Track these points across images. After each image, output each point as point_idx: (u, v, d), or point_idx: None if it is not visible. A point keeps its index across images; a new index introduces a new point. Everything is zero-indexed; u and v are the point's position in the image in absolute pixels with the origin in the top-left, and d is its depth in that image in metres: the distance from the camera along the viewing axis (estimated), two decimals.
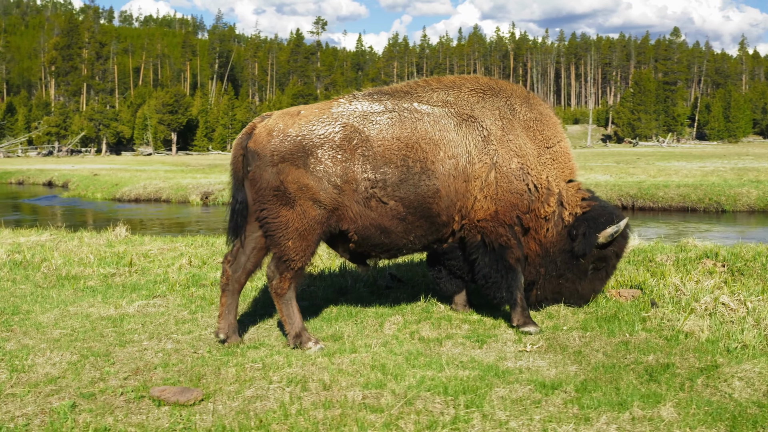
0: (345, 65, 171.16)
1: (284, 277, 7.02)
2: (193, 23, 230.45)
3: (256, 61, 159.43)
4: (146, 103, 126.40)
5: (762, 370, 6.03)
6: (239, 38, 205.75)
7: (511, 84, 7.98)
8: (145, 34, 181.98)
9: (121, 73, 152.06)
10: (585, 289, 8.03)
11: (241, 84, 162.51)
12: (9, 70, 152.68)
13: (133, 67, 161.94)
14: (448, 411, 5.29)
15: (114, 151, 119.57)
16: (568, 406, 5.36)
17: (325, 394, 5.67)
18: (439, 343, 7.09)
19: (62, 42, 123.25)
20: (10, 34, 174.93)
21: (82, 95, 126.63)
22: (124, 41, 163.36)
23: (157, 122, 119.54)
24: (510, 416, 5.18)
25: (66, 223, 19.42)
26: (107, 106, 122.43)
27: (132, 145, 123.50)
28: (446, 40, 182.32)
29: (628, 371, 6.18)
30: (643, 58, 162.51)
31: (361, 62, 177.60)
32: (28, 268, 10.89)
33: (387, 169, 7.00)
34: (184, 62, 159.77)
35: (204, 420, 5.30)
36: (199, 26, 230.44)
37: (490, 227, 7.38)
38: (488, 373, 6.11)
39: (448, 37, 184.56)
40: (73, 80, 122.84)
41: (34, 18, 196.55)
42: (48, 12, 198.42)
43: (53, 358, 6.73)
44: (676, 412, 5.23)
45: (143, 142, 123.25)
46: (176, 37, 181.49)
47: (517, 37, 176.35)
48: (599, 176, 34.06)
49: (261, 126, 7.08)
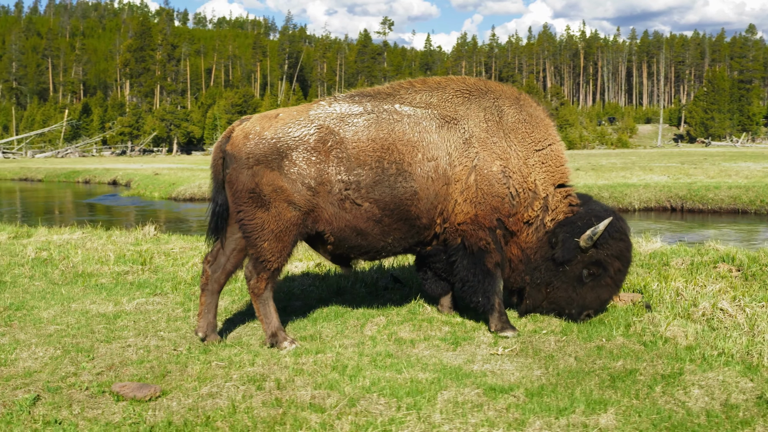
0: (413, 65, 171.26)
1: (261, 278, 7.13)
2: (264, 24, 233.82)
3: (325, 62, 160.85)
4: (216, 103, 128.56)
5: (728, 379, 5.90)
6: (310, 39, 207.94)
7: (501, 85, 7.92)
8: (216, 35, 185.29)
9: (193, 75, 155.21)
10: (585, 297, 7.64)
11: (310, 84, 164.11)
12: (86, 71, 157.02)
13: (205, 68, 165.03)
14: (388, 412, 5.31)
15: (185, 150, 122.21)
16: (509, 411, 5.33)
17: (276, 393, 5.75)
18: (412, 344, 7.10)
19: (135, 44, 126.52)
20: (88, 36, 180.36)
21: (155, 96, 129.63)
22: (197, 43, 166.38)
23: (226, 122, 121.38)
24: (445, 419, 5.17)
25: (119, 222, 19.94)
26: (178, 107, 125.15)
27: (202, 145, 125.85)
28: (515, 39, 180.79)
29: (592, 376, 6.10)
30: (718, 56, 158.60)
31: (429, 62, 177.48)
32: (48, 265, 11.24)
33: (361, 170, 7.03)
34: (255, 63, 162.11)
35: (154, 416, 5.42)
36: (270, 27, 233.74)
37: (470, 231, 7.34)
38: (447, 376, 6.10)
39: (517, 36, 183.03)
40: (146, 81, 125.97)
41: (111, 21, 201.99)
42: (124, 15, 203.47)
43: (37, 353, 6.96)
44: (617, 420, 5.15)
45: (213, 142, 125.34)
46: (248, 39, 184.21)
47: (588, 36, 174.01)
48: (655, 177, 33.33)
49: (239, 129, 7.20)
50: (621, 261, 7.62)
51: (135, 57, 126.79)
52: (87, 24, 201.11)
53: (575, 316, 7.71)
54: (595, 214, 7.59)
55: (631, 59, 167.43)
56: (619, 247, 7.56)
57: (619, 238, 7.57)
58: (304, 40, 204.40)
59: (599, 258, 7.52)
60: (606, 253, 7.52)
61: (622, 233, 7.61)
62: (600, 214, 7.60)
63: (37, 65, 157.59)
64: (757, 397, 5.57)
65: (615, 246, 7.54)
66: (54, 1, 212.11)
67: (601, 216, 7.54)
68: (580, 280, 7.59)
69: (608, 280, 7.62)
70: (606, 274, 7.58)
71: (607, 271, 7.57)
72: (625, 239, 7.64)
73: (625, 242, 7.65)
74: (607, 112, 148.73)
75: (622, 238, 7.59)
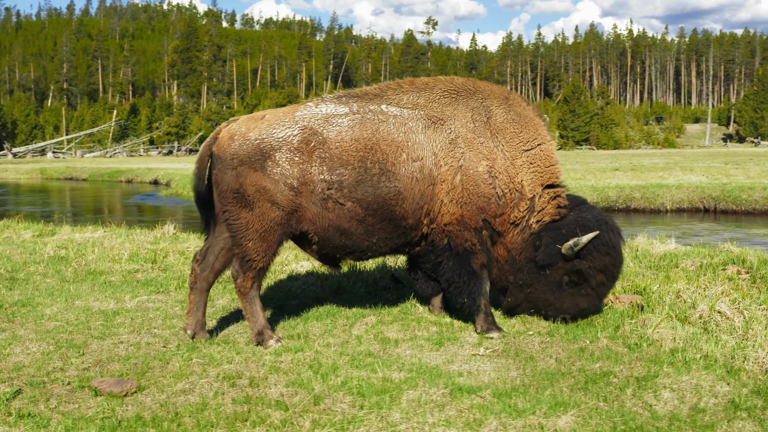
0: (458, 65, 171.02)
1: (247, 277, 7.22)
2: (311, 25, 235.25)
3: (370, 62, 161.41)
4: (261, 104, 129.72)
5: (702, 383, 5.84)
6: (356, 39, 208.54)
7: (491, 85, 7.91)
8: (262, 36, 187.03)
9: (240, 75, 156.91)
10: (563, 303, 7.58)
11: (355, 84, 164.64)
12: (134, 72, 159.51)
13: (251, 69, 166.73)
14: (350, 411, 5.36)
15: None
16: (471, 410, 5.34)
17: (248, 390, 5.83)
18: (396, 344, 7.14)
19: (182, 45, 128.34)
20: (137, 38, 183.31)
21: (202, 96, 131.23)
22: (243, 44, 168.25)
23: None
24: (404, 419, 5.21)
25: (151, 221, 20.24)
26: (224, 107, 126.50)
27: None
28: (562, 38, 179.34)
29: (567, 378, 6.09)
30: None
31: (474, 62, 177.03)
32: (63, 263, 11.48)
33: (343, 170, 7.08)
34: (300, 63, 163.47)
35: (126, 411, 5.54)
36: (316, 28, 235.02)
37: (456, 231, 7.35)
38: (421, 376, 6.13)
39: (563, 35, 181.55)
40: (192, 82, 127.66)
41: (160, 22, 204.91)
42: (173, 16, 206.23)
43: (30, 348, 7.14)
44: (575, 422, 5.14)
45: None
46: (294, 39, 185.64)
47: (635, 34, 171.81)
48: (693, 177, 32.83)
49: (225, 130, 7.32)
50: (605, 275, 7.50)
51: (181, 58, 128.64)
52: (136, 25, 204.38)
53: (551, 317, 7.73)
54: (583, 223, 7.46)
55: (679, 58, 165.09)
56: (603, 262, 7.43)
57: (605, 252, 7.41)
58: (350, 41, 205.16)
59: (581, 268, 7.43)
60: (589, 265, 7.42)
61: (610, 247, 7.43)
62: (588, 224, 7.45)
63: (88, 66, 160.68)
64: (729, 402, 5.52)
65: (599, 260, 7.41)
66: (104, 3, 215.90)
67: (589, 227, 7.40)
68: (560, 285, 7.55)
69: (589, 290, 7.52)
70: (587, 284, 7.48)
71: (589, 282, 7.47)
72: (612, 254, 7.46)
73: (612, 257, 7.47)
74: (654, 111, 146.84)
75: (608, 253, 7.43)
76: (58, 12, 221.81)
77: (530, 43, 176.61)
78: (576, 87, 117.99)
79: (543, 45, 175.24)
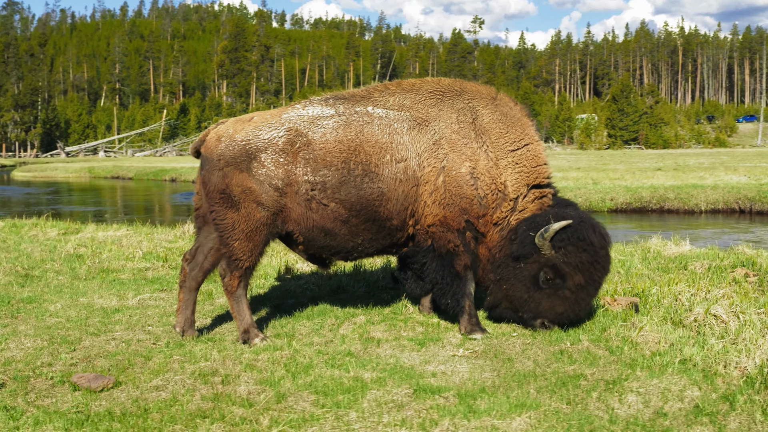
0: (506, 63, 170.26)
1: (234, 276, 7.33)
2: (360, 24, 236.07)
3: (417, 61, 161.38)
4: None
5: (672, 387, 5.80)
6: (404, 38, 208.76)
7: (478, 85, 7.91)
8: (310, 36, 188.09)
9: (288, 75, 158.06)
10: (540, 304, 7.36)
11: None
12: (185, 72, 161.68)
13: (299, 69, 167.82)
14: (310, 409, 5.44)
15: None
16: (429, 411, 5.37)
17: (219, 387, 5.94)
18: (378, 344, 7.19)
19: (230, 45, 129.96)
20: (188, 38, 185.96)
21: (251, 96, 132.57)
22: (292, 44, 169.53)
23: None
24: (360, 418, 5.27)
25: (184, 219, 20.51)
26: (271, 106, 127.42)
27: None
28: (612, 36, 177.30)
29: (539, 380, 6.07)
30: None
31: (522, 60, 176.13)
32: (78, 261, 11.75)
33: (327, 171, 7.16)
34: (348, 63, 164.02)
35: (99, 405, 5.68)
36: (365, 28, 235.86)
37: (439, 233, 7.37)
38: (393, 375, 6.18)
39: (614, 33, 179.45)
40: (240, 82, 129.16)
41: (211, 23, 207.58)
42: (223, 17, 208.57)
43: (25, 343, 7.34)
44: (529, 424, 5.13)
45: None
46: (342, 39, 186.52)
47: (687, 32, 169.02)
48: (735, 178, 32.24)
49: (213, 132, 7.44)
50: (583, 275, 7.24)
51: (230, 58, 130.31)
52: (187, 26, 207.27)
53: (528, 321, 7.51)
54: (560, 215, 7.31)
55: (732, 56, 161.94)
56: (580, 258, 7.20)
57: (582, 248, 7.20)
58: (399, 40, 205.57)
59: (556, 263, 7.23)
60: (564, 260, 7.21)
61: (588, 243, 7.20)
62: (565, 215, 7.29)
63: (139, 67, 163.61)
64: (694, 407, 5.46)
65: (575, 255, 7.19)
66: (157, 4, 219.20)
67: (565, 218, 7.23)
68: (535, 282, 7.34)
69: (567, 293, 7.28)
70: (564, 285, 7.27)
71: (566, 282, 7.25)
72: (590, 251, 7.21)
73: (590, 254, 7.22)
74: (706, 110, 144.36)
75: (586, 249, 7.20)
76: (112, 13, 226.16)
77: (579, 42, 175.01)
78: (624, 85, 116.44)
79: (592, 43, 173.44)
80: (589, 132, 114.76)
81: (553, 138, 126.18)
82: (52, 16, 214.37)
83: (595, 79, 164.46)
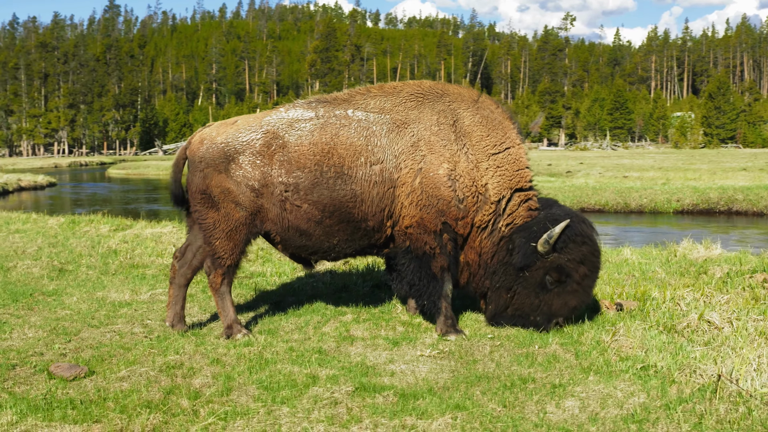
0: (600, 60, 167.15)
1: (217, 273, 7.62)
2: (453, 23, 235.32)
3: (509, 59, 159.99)
4: None
5: (617, 392, 5.77)
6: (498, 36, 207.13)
7: (460, 88, 7.97)
8: (402, 35, 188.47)
9: (380, 74, 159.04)
10: (551, 304, 7.47)
11: (495, 82, 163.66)
12: (279, 72, 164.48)
13: (390, 68, 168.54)
14: (248, 403, 5.63)
15: None
16: (362, 409, 5.49)
17: (178, 380, 6.20)
18: (352, 342, 7.34)
19: (321, 45, 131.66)
20: (284, 39, 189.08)
21: None
22: (383, 43, 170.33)
23: None
24: (290, 413, 5.43)
25: None
26: None
27: None
28: (711, 32, 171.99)
29: (490, 382, 6.12)
30: None
31: (617, 57, 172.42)
32: (112, 257, 12.27)
33: (300, 173, 7.35)
34: (439, 62, 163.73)
35: (65, 393, 5.99)
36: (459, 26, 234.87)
37: (416, 234, 7.47)
38: (348, 373, 6.32)
39: (713, 29, 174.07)
40: (331, 81, 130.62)
41: (305, 23, 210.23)
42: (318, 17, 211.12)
43: (28, 334, 7.80)
44: (448, 425, 5.20)
45: None
46: (434, 38, 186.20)
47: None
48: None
49: (198, 135, 7.74)
50: (586, 265, 7.42)
51: (321, 58, 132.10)
52: (283, 27, 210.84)
53: (542, 324, 7.54)
54: (553, 217, 7.43)
55: None
56: (582, 252, 7.39)
57: (581, 242, 7.39)
58: (492, 38, 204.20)
59: (561, 263, 7.36)
60: (568, 258, 7.35)
61: (585, 236, 7.41)
62: (557, 217, 7.42)
63: (235, 67, 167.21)
64: (629, 414, 5.42)
65: (577, 250, 7.37)
66: (254, 5, 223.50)
67: (559, 219, 7.36)
68: (543, 286, 7.44)
69: (575, 286, 7.42)
70: (571, 280, 7.39)
71: (572, 276, 7.38)
72: (588, 242, 7.44)
73: (589, 246, 7.45)
74: None
75: (585, 242, 7.41)
76: (211, 15, 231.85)
77: (677, 38, 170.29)
78: (721, 82, 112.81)
79: (691, 39, 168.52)
80: (684, 130, 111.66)
81: (647, 137, 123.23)
82: (154, 18, 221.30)
83: (694, 76, 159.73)
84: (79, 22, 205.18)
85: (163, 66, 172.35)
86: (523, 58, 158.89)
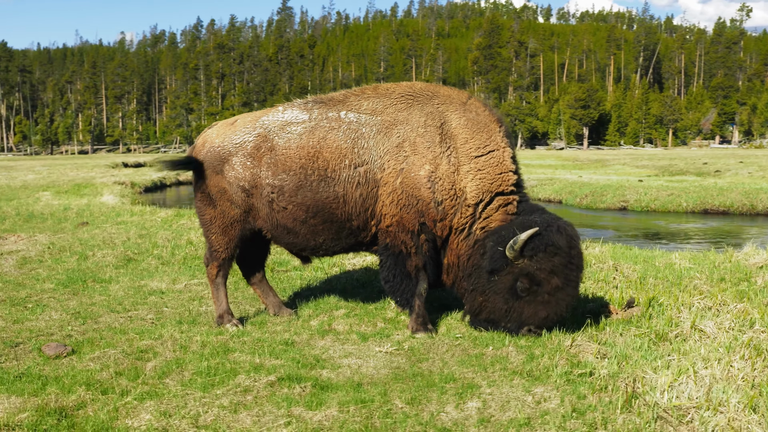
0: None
1: (213, 265, 8.14)
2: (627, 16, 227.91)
3: (683, 53, 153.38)
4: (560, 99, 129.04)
5: (525, 397, 5.79)
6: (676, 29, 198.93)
7: (451, 89, 8.03)
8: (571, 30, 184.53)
9: (547, 70, 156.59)
10: (522, 312, 7.36)
11: (665, 77, 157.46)
12: (446, 69, 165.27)
13: (558, 64, 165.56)
14: (175, 387, 6.04)
15: (528, 145, 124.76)
16: (265, 398, 5.80)
17: (136, 363, 6.69)
18: (323, 336, 7.65)
19: (484, 42, 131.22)
20: (452, 36, 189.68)
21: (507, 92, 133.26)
22: (551, 38, 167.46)
23: (569, 117, 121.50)
24: (201, 397, 5.78)
25: None
26: (523, 102, 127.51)
27: (546, 140, 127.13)
28: None
29: (416, 380, 6.27)
30: None
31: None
32: (181, 249, 13.06)
33: (285, 175, 7.69)
34: (609, 57, 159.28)
35: (41, 369, 6.62)
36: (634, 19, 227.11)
37: (395, 233, 7.63)
38: (293, 365, 6.60)
39: None
40: (493, 78, 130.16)
41: (474, 20, 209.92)
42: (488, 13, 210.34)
43: (53, 316, 8.60)
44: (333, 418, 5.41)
45: (557, 137, 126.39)
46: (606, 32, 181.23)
47: None
48: None
49: (202, 136, 8.25)
50: (559, 278, 7.23)
51: (483, 54, 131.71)
52: (452, 24, 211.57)
53: (513, 330, 7.48)
54: (525, 224, 7.34)
55: None
56: (552, 263, 7.21)
57: (552, 252, 7.20)
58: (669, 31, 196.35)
59: (530, 271, 7.25)
60: (537, 267, 7.22)
61: (557, 248, 7.21)
62: (531, 224, 7.31)
63: (403, 65, 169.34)
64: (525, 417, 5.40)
65: (547, 260, 7.20)
66: (424, 3, 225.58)
67: (531, 226, 7.25)
68: (513, 292, 7.36)
69: (546, 296, 7.27)
70: (542, 290, 7.27)
71: (542, 287, 7.25)
72: (561, 254, 7.22)
73: (561, 257, 7.23)
74: None
75: (557, 253, 7.21)
76: (383, 14, 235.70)
77: None
78: None
79: None
80: None
81: None
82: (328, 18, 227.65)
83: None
84: (258, 24, 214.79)
85: (333, 65, 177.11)
86: (698, 52, 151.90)
